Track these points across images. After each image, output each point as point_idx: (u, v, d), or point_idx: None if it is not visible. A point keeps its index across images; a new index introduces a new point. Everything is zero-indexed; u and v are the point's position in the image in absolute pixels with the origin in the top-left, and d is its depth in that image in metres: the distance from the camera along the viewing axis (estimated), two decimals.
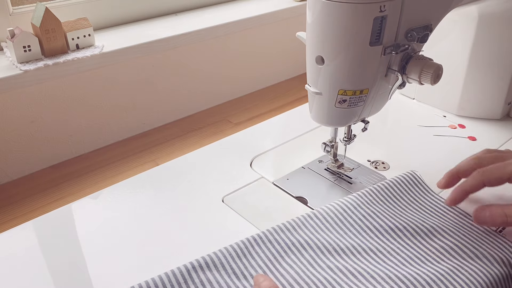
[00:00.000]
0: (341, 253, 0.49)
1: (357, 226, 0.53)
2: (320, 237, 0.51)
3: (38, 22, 0.67)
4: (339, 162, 0.64)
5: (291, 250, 0.50)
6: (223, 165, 0.68)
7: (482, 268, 0.47)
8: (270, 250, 0.50)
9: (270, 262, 0.48)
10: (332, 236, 0.52)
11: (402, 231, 0.52)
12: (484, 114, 0.78)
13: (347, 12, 0.48)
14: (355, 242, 0.51)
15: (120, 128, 0.82)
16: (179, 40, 0.81)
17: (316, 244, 0.50)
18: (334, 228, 0.53)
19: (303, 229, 0.52)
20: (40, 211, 0.63)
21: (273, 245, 0.50)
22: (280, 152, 0.71)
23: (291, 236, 0.51)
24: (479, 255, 0.49)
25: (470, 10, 0.70)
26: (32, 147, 0.73)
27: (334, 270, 0.47)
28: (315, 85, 0.55)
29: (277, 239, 0.51)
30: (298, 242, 0.50)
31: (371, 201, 0.56)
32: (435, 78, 0.51)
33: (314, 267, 0.48)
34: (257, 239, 0.50)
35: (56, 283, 0.49)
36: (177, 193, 0.62)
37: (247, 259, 0.48)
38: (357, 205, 0.55)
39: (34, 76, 0.67)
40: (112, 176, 0.71)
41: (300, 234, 0.51)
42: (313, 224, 0.53)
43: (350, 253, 0.50)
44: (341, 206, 0.55)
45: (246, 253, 0.49)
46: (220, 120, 0.87)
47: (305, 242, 0.50)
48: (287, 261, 0.49)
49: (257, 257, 0.49)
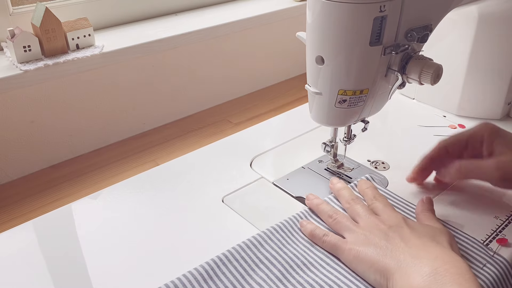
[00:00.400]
0: (310, 266, 0.49)
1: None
2: (287, 250, 0.51)
3: (38, 22, 0.67)
4: (339, 162, 0.64)
5: (258, 267, 0.48)
6: (223, 165, 0.68)
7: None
8: (237, 269, 0.48)
9: (237, 282, 0.47)
10: (299, 250, 0.51)
11: None
12: (484, 114, 0.78)
13: (347, 12, 0.48)
14: (323, 254, 0.51)
15: (120, 128, 0.82)
16: (179, 40, 0.81)
17: (284, 258, 0.49)
18: (300, 241, 0.52)
19: (269, 244, 0.51)
20: (39, 211, 0.63)
21: (240, 263, 0.48)
22: (280, 152, 0.71)
23: (257, 252, 0.50)
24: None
25: (470, 10, 0.70)
26: (32, 147, 0.73)
27: (304, 285, 0.47)
28: (315, 85, 0.55)
29: (243, 256, 0.49)
30: (266, 258, 0.49)
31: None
32: (435, 78, 0.51)
33: (283, 283, 0.47)
34: (223, 259, 0.48)
35: (56, 283, 0.49)
36: (177, 193, 0.62)
37: (214, 282, 0.46)
38: (319, 217, 0.55)
39: (34, 76, 0.67)
40: (112, 176, 0.71)
41: (267, 249, 0.50)
42: (279, 237, 0.52)
43: (319, 265, 0.49)
44: (305, 216, 0.55)
45: (212, 275, 0.47)
46: (220, 120, 0.87)
47: (272, 257, 0.49)
48: (255, 279, 0.47)
49: (224, 278, 0.47)
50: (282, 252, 0.50)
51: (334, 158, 0.64)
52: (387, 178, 0.64)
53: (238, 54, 0.94)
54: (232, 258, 0.49)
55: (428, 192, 0.61)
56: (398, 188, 0.62)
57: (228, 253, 0.49)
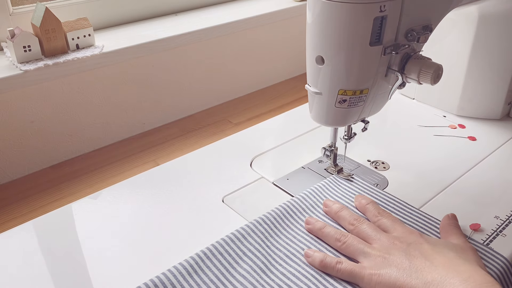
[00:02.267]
0: (292, 257, 0.50)
1: (303, 229, 0.54)
2: (270, 244, 0.51)
3: (38, 22, 0.67)
4: (338, 166, 0.64)
5: (242, 260, 0.49)
6: (223, 165, 0.68)
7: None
8: (221, 262, 0.48)
9: (222, 275, 0.47)
10: (281, 242, 0.52)
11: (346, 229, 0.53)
12: (484, 114, 0.78)
13: (347, 12, 0.48)
14: (304, 245, 0.51)
15: (120, 128, 0.82)
16: (179, 40, 0.81)
17: (266, 251, 0.50)
18: (283, 233, 0.53)
19: (253, 237, 0.52)
20: (40, 211, 0.63)
21: (224, 256, 0.49)
22: (280, 152, 0.71)
23: (241, 245, 0.50)
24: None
25: (470, 10, 0.70)
26: (32, 147, 0.73)
27: (287, 275, 0.47)
28: (315, 85, 0.55)
29: (227, 250, 0.50)
30: (249, 251, 0.50)
31: (313, 206, 0.57)
32: (435, 78, 0.51)
33: (267, 274, 0.47)
34: (207, 253, 0.49)
35: (56, 283, 0.49)
36: (177, 193, 0.62)
37: (199, 276, 0.47)
38: (302, 209, 0.56)
39: (34, 76, 0.67)
40: (112, 176, 0.71)
41: (250, 242, 0.51)
42: (262, 230, 0.53)
43: (301, 256, 0.50)
44: (286, 210, 0.56)
45: (197, 269, 0.47)
46: (220, 120, 0.87)
47: (256, 250, 0.50)
48: (239, 271, 0.48)
49: (209, 271, 0.47)
50: (265, 245, 0.51)
51: (334, 163, 0.64)
52: (387, 178, 0.64)
53: (238, 54, 0.94)
54: (216, 252, 0.49)
55: (429, 193, 0.61)
56: (398, 188, 0.62)
57: (212, 247, 0.50)
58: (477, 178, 0.64)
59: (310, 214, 0.56)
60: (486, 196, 0.61)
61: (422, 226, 0.54)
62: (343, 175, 0.63)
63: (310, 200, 0.58)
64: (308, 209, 0.57)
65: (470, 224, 0.54)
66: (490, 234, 0.54)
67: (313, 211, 0.56)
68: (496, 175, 0.65)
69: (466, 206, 0.59)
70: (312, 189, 0.60)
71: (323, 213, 0.56)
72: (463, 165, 0.67)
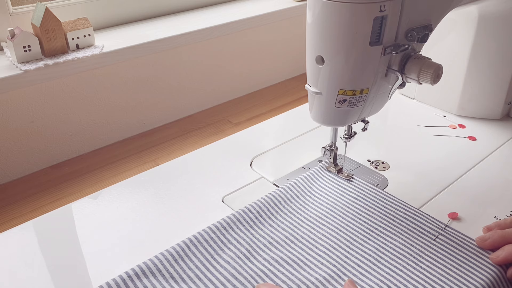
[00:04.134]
0: (276, 244, 0.51)
1: (288, 218, 0.55)
2: (254, 232, 0.53)
3: (38, 22, 0.67)
4: (338, 166, 0.64)
5: (227, 247, 0.51)
6: (223, 165, 0.68)
7: (402, 243, 0.51)
8: (207, 249, 0.50)
9: (207, 261, 0.49)
10: (265, 230, 0.53)
11: (329, 218, 0.55)
12: (484, 114, 0.78)
13: (347, 12, 0.48)
14: (288, 233, 0.53)
15: (120, 128, 0.82)
16: (179, 40, 0.81)
17: (251, 239, 0.52)
18: (267, 221, 0.55)
19: (237, 226, 0.53)
20: (40, 211, 0.63)
21: (210, 244, 0.51)
22: (280, 152, 0.71)
23: (226, 233, 0.52)
24: (400, 232, 0.53)
25: (470, 10, 0.70)
26: (32, 147, 0.73)
27: (270, 261, 0.49)
28: (315, 85, 0.55)
29: (213, 237, 0.51)
30: (234, 239, 0.52)
31: (297, 195, 0.59)
32: (435, 78, 0.51)
33: (250, 260, 0.49)
34: (193, 240, 0.51)
35: (56, 283, 0.49)
36: (177, 193, 0.62)
37: (184, 261, 0.49)
38: (287, 199, 0.58)
39: (34, 76, 0.67)
40: (112, 176, 0.71)
41: (235, 230, 0.53)
42: (247, 219, 0.54)
43: (284, 243, 0.52)
44: (272, 200, 0.57)
45: (182, 255, 0.49)
46: (220, 120, 0.87)
47: (240, 238, 0.52)
48: (223, 258, 0.50)
49: (194, 257, 0.49)
50: (249, 233, 0.52)
51: (334, 163, 0.64)
52: (387, 178, 0.64)
53: (238, 54, 0.94)
54: (202, 239, 0.51)
55: (429, 193, 0.61)
56: (398, 188, 0.62)
57: (198, 235, 0.51)
58: (477, 178, 0.64)
59: (295, 203, 0.58)
60: (486, 196, 0.61)
61: (422, 227, 0.54)
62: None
63: (295, 190, 0.59)
64: (293, 198, 0.58)
65: (449, 213, 0.56)
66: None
67: (297, 201, 0.58)
68: (496, 175, 0.65)
69: (466, 206, 0.59)
70: (297, 179, 0.61)
71: (307, 203, 0.58)
72: (463, 165, 0.67)
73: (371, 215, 0.56)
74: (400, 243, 0.51)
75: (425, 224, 0.54)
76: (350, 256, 0.50)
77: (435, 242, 0.51)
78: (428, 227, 0.53)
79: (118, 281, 0.46)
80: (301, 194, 0.59)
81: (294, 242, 0.52)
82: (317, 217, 0.56)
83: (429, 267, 0.49)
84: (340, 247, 0.51)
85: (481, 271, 0.48)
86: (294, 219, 0.55)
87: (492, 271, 0.48)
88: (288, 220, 0.55)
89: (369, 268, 0.49)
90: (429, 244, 0.51)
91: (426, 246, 0.51)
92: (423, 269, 0.48)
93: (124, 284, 0.46)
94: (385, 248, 0.51)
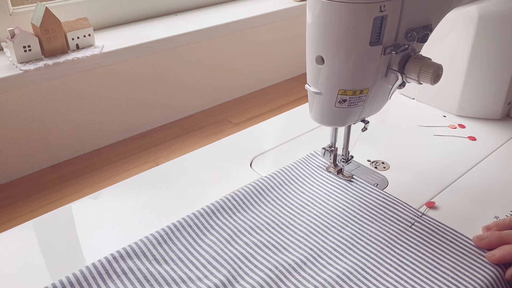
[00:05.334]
0: (257, 229, 0.54)
1: (270, 205, 0.58)
2: (236, 218, 0.55)
3: (38, 22, 0.67)
4: (338, 167, 0.64)
5: (209, 232, 0.53)
6: (223, 165, 0.68)
7: (378, 229, 0.54)
8: (190, 234, 0.53)
9: (189, 245, 0.52)
10: (247, 216, 0.56)
11: (309, 206, 0.58)
12: (484, 114, 0.78)
13: (347, 12, 0.48)
14: (269, 219, 0.56)
15: (120, 128, 0.82)
16: (179, 40, 0.81)
17: (233, 224, 0.55)
18: (250, 208, 0.57)
19: (221, 212, 0.56)
20: (40, 211, 0.63)
21: (193, 229, 0.53)
22: (280, 152, 0.71)
23: (209, 219, 0.55)
24: (376, 218, 0.55)
25: (470, 10, 0.70)
26: (32, 147, 0.73)
27: (250, 245, 0.52)
28: (315, 85, 0.55)
29: (196, 223, 0.54)
30: (217, 225, 0.54)
31: (280, 183, 0.61)
32: (435, 78, 0.51)
33: (231, 244, 0.52)
34: (177, 225, 0.53)
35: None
36: (177, 193, 0.62)
37: (168, 245, 0.51)
38: (270, 187, 0.60)
39: (34, 76, 0.67)
40: (112, 176, 0.71)
41: (218, 217, 0.55)
42: (230, 206, 0.56)
43: (265, 228, 0.54)
44: (255, 187, 0.60)
45: (166, 239, 0.52)
46: (220, 120, 0.87)
47: (223, 224, 0.54)
48: (206, 242, 0.52)
49: (177, 241, 0.52)
50: (232, 220, 0.55)
51: (334, 164, 0.64)
52: (387, 178, 0.64)
53: (238, 54, 0.94)
54: (186, 224, 0.54)
55: (429, 193, 0.61)
56: (398, 188, 0.62)
57: (183, 220, 0.54)
58: (477, 178, 0.64)
59: (278, 191, 0.60)
60: (486, 196, 0.61)
61: (422, 227, 0.54)
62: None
63: (278, 179, 0.62)
64: (276, 186, 0.61)
65: (426, 202, 0.59)
66: None
67: (280, 188, 0.60)
68: (496, 175, 0.65)
69: (466, 206, 0.59)
70: (282, 169, 0.63)
71: (289, 191, 0.60)
72: (463, 165, 0.67)
73: (350, 203, 0.58)
74: (376, 229, 0.54)
75: (402, 212, 0.56)
76: (327, 240, 0.52)
77: (410, 229, 0.53)
78: (405, 215, 0.55)
79: (103, 262, 0.48)
80: (285, 182, 0.61)
81: (274, 228, 0.54)
82: (298, 204, 0.58)
83: (403, 252, 0.51)
84: (318, 232, 0.54)
85: (454, 254, 0.50)
86: (276, 206, 0.58)
87: (464, 250, 0.50)
88: (270, 207, 0.57)
89: (344, 252, 0.51)
90: (405, 230, 0.53)
91: (401, 233, 0.53)
92: (397, 254, 0.50)
93: (109, 265, 0.48)
94: (361, 234, 0.53)
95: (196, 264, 0.49)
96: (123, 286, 0.46)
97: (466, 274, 0.48)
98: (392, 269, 0.49)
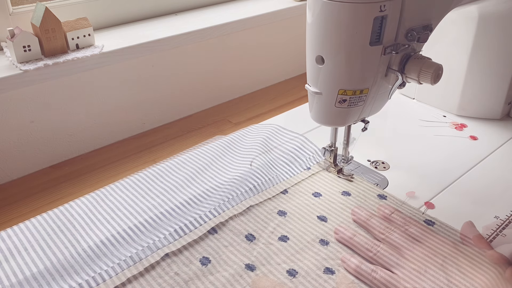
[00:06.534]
0: (214, 191, 0.61)
1: (228, 168, 0.66)
2: (196, 178, 0.64)
3: (38, 22, 0.67)
4: (338, 167, 0.64)
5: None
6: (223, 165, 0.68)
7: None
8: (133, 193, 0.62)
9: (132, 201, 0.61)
10: (206, 177, 0.64)
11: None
12: (484, 114, 0.78)
13: (347, 12, 0.48)
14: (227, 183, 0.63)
15: (120, 128, 0.82)
16: (179, 40, 0.81)
17: (194, 185, 0.63)
18: (211, 167, 0.66)
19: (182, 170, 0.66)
20: (40, 211, 0.63)
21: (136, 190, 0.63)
22: None
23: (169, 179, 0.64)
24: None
25: (470, 10, 0.70)
26: (32, 147, 0.73)
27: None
28: (315, 85, 0.55)
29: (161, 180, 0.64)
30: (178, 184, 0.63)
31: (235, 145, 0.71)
32: (435, 78, 0.51)
33: (192, 206, 0.59)
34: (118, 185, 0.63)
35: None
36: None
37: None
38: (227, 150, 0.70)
39: (34, 76, 0.67)
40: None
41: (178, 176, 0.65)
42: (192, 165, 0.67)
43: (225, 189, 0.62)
44: (213, 149, 0.70)
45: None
46: (220, 120, 0.87)
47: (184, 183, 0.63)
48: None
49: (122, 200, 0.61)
50: (192, 180, 0.64)
51: (334, 163, 0.64)
52: (387, 178, 0.64)
53: (238, 54, 0.94)
54: (128, 185, 0.63)
55: (429, 193, 0.61)
56: (398, 189, 0.62)
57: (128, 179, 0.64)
58: (478, 178, 0.64)
59: (234, 154, 0.69)
60: (486, 196, 0.61)
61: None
62: (344, 176, 0.63)
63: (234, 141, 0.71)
64: (230, 148, 0.69)
65: (425, 202, 0.59)
66: (490, 234, 0.54)
67: (236, 149, 0.69)
68: (496, 175, 0.65)
69: (466, 206, 0.59)
70: (243, 131, 0.73)
71: (245, 151, 0.69)
72: (463, 165, 0.67)
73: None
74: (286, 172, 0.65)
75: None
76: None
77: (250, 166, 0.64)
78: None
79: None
80: (237, 145, 0.71)
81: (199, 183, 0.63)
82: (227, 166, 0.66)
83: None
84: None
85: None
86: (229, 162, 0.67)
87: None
88: (227, 169, 0.65)
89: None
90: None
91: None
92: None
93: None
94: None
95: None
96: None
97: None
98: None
